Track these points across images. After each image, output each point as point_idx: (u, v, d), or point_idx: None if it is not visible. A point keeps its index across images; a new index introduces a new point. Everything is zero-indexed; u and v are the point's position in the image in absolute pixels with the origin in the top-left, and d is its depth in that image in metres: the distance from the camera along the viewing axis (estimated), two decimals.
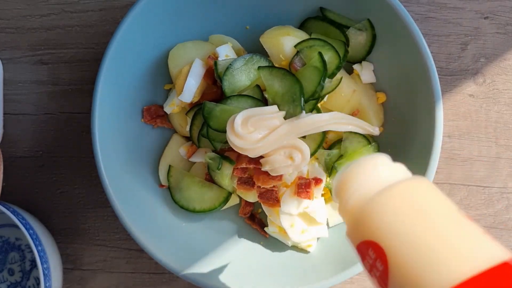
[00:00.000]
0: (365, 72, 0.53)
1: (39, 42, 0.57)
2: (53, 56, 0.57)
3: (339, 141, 0.52)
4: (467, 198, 0.56)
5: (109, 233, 0.57)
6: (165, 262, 0.48)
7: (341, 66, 0.51)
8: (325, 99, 0.51)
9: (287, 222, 0.50)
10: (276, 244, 0.53)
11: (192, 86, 0.50)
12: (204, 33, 0.54)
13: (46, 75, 0.57)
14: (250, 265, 0.51)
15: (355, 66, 0.53)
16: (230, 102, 0.49)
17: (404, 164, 0.34)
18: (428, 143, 0.48)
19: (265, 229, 0.53)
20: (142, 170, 0.53)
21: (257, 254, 0.53)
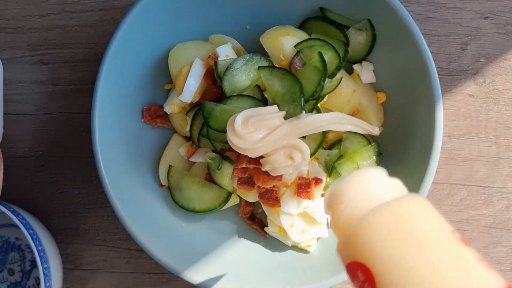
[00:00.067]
0: (365, 72, 0.53)
1: (39, 42, 0.57)
2: (53, 56, 0.57)
3: (339, 141, 0.52)
4: (467, 198, 0.56)
5: (109, 233, 0.57)
6: (165, 262, 0.48)
7: (341, 66, 0.51)
8: (325, 99, 0.51)
9: (287, 222, 0.50)
10: (276, 244, 0.53)
11: (192, 86, 0.50)
12: (204, 33, 0.54)
13: (46, 75, 0.57)
14: (250, 265, 0.51)
15: (355, 66, 0.53)
16: (230, 102, 0.49)
17: (403, 165, 0.34)
18: (428, 143, 0.48)
19: (265, 229, 0.53)
20: (142, 170, 0.53)
21: (257, 254, 0.53)
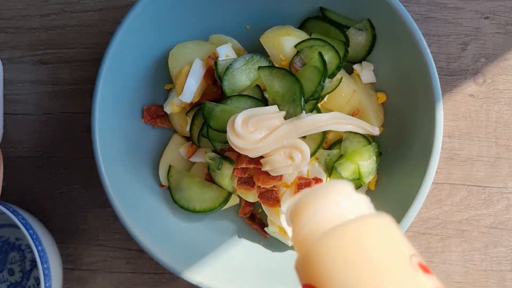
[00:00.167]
0: (365, 72, 0.53)
1: (39, 42, 0.57)
2: (53, 56, 0.57)
3: (339, 141, 0.52)
4: (467, 198, 0.56)
5: (109, 233, 0.57)
6: (165, 262, 0.48)
7: (341, 66, 0.51)
8: (325, 99, 0.51)
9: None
10: (276, 244, 0.53)
11: (192, 86, 0.50)
12: (204, 33, 0.54)
13: (46, 75, 0.57)
14: (250, 265, 0.51)
15: (355, 66, 0.53)
16: (230, 102, 0.49)
17: (403, 165, 0.33)
18: (428, 143, 0.48)
19: (265, 229, 0.53)
20: (142, 170, 0.53)
21: (257, 254, 0.53)
